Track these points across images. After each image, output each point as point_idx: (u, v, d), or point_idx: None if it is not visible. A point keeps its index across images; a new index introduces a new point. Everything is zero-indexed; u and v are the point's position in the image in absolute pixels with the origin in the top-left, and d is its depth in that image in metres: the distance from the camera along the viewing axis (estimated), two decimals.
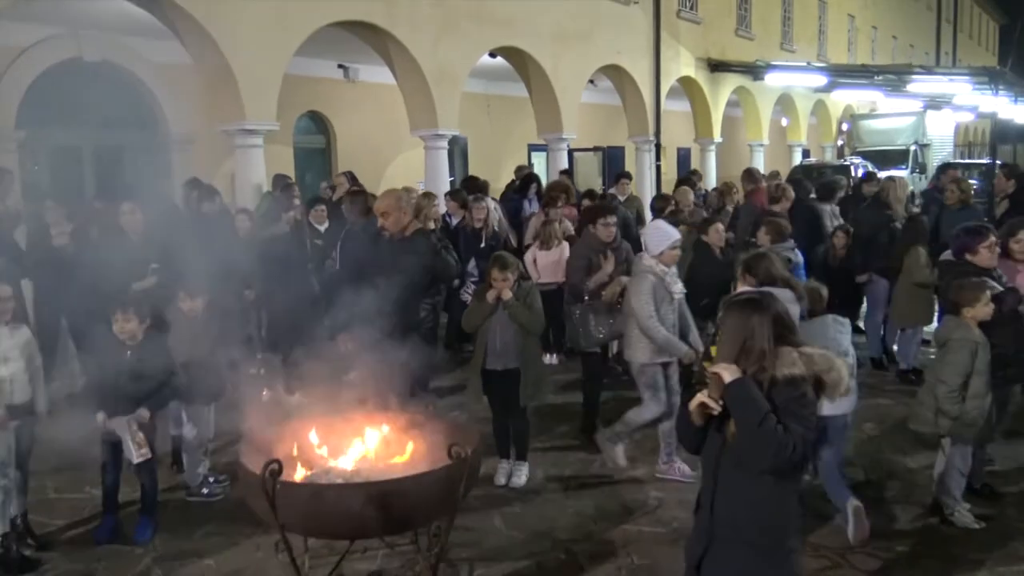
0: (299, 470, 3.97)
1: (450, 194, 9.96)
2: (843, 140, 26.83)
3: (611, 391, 7.00)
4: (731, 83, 20.41)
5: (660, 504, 5.25)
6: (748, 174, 10.77)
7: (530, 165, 16.84)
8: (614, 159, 20.64)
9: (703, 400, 2.79)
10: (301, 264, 7.58)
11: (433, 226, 7.86)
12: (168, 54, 10.88)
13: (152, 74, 11.60)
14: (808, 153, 27.07)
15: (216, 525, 5.02)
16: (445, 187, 11.54)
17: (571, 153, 17.11)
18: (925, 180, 19.79)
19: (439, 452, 3.85)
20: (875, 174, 13.46)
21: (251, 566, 4.54)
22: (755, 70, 20.04)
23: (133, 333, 4.78)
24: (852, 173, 17.98)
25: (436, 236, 6.83)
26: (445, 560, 4.16)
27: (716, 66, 19.60)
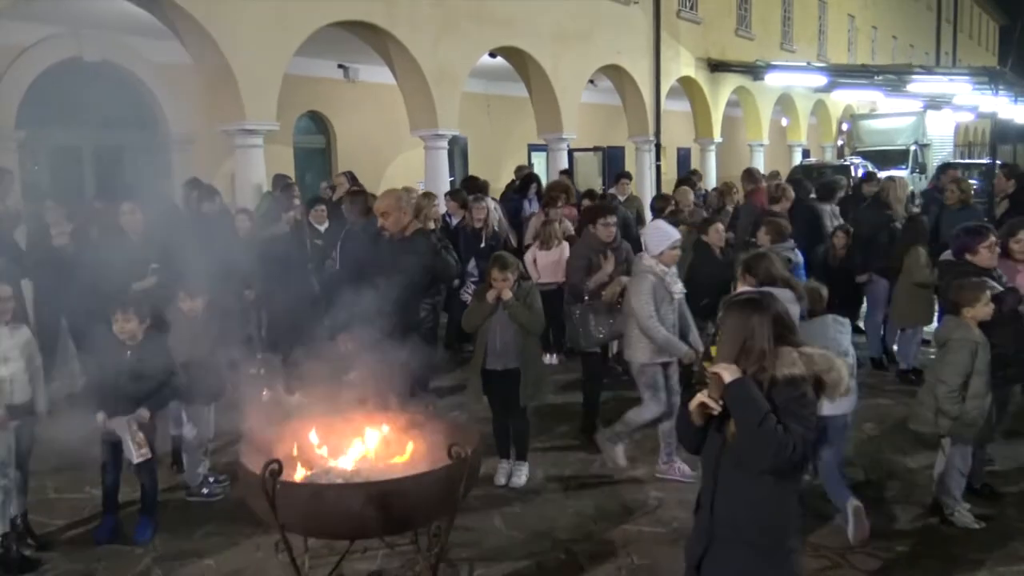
0: (299, 470, 3.97)
1: (450, 194, 9.96)
2: (843, 140, 26.82)
3: (611, 391, 6.99)
4: (731, 83, 20.41)
5: (660, 504, 5.24)
6: (748, 174, 10.77)
7: (530, 165, 16.83)
8: (614, 159, 20.64)
9: (703, 400, 2.79)
10: (301, 264, 7.58)
11: (433, 226, 7.86)
12: (168, 54, 10.87)
13: (152, 74, 11.60)
14: (808, 153, 27.06)
15: (216, 525, 5.02)
16: (445, 187, 11.53)
17: (571, 153, 17.10)
18: (925, 180, 19.78)
19: (439, 452, 3.84)
20: (875, 174, 13.45)
21: (251, 566, 4.54)
22: (755, 70, 20.03)
23: (133, 333, 4.78)
24: (852, 173, 17.97)
25: (436, 236, 6.83)
26: (445, 560, 4.16)
27: (716, 66, 19.60)
